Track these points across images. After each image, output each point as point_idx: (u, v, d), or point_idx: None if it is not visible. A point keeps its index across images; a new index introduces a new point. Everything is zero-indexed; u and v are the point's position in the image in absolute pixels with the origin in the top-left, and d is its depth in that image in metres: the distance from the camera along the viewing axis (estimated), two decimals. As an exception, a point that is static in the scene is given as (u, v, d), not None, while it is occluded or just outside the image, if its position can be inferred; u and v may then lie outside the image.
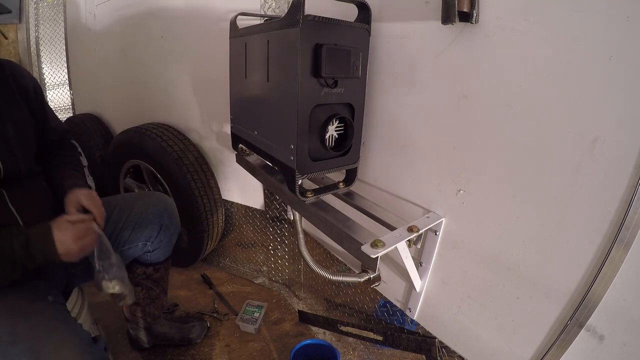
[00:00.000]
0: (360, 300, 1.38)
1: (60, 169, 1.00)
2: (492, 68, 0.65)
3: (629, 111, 0.50)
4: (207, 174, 1.54)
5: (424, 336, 0.98)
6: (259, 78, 0.88)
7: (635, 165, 0.50)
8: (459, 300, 0.81)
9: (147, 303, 1.23)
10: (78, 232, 0.79)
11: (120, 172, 1.77)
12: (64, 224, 0.79)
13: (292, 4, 0.69)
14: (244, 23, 0.99)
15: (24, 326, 0.71)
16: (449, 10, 0.63)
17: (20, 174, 0.86)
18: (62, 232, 0.77)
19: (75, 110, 2.59)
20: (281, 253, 1.60)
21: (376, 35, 0.83)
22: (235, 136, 1.11)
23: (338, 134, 0.84)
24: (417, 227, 0.75)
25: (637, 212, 0.51)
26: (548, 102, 0.58)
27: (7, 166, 0.82)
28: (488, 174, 0.69)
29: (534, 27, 0.58)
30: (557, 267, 0.62)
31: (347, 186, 0.93)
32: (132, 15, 1.69)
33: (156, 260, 1.18)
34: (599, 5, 0.50)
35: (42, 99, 0.99)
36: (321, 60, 0.70)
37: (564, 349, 0.63)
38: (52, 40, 2.81)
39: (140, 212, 1.07)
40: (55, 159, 1.03)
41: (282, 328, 1.46)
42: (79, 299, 1.02)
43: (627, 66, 0.49)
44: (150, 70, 1.71)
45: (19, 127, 0.87)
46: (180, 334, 1.34)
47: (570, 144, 0.57)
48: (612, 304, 0.57)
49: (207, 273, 1.77)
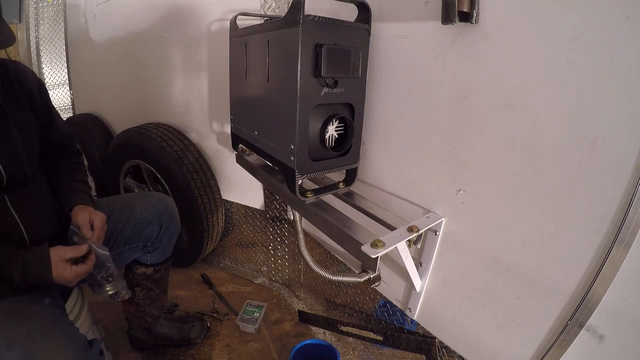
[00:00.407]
0: (360, 300, 1.39)
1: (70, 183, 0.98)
2: (492, 68, 0.65)
3: (629, 111, 0.50)
4: (207, 174, 1.54)
5: (424, 336, 0.98)
6: (259, 78, 0.88)
7: (635, 165, 0.50)
8: (459, 300, 0.81)
9: (147, 303, 1.23)
10: (75, 272, 0.79)
11: (120, 172, 1.77)
12: (61, 263, 0.78)
13: (292, 4, 0.69)
14: (244, 23, 0.99)
15: (20, 330, 0.71)
16: (449, 10, 0.63)
17: (23, 179, 0.85)
18: (59, 271, 0.77)
19: (75, 110, 2.59)
20: (281, 253, 1.60)
21: (376, 35, 0.83)
22: (235, 136, 1.11)
23: (338, 134, 0.84)
24: (417, 227, 0.75)
25: (637, 212, 0.51)
26: (548, 102, 0.58)
27: (11, 172, 0.81)
28: (488, 174, 0.69)
29: (534, 27, 0.58)
30: (557, 267, 0.62)
31: (347, 186, 0.93)
32: (132, 15, 1.69)
33: (156, 261, 1.18)
34: (599, 5, 0.50)
35: (48, 101, 0.97)
36: (321, 60, 0.70)
37: (564, 349, 0.63)
38: (52, 40, 2.81)
39: (140, 213, 1.07)
40: (65, 166, 1.01)
41: (282, 328, 1.46)
42: (79, 300, 1.02)
43: (627, 66, 0.49)
44: (150, 70, 1.71)
45: (23, 130, 0.86)
46: (180, 334, 1.34)
47: (570, 144, 0.57)
48: (612, 304, 0.57)
49: (207, 273, 1.78)
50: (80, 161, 1.08)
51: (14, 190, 0.83)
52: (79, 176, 1.02)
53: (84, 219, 0.88)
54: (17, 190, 0.84)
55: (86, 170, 1.08)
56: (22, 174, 0.84)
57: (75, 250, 0.81)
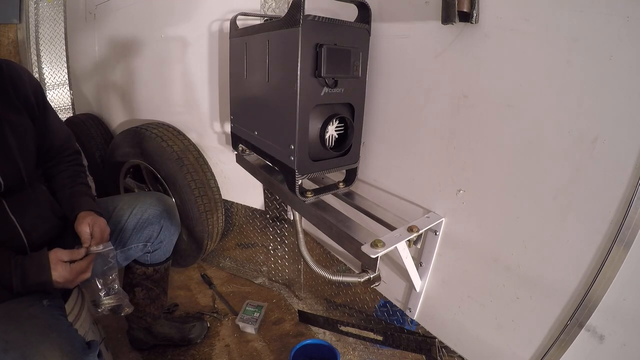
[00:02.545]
0: (360, 300, 1.39)
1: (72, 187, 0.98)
2: (492, 68, 0.65)
3: (628, 111, 0.50)
4: (207, 174, 1.54)
5: (424, 336, 0.98)
6: (259, 78, 0.88)
7: (635, 165, 0.50)
8: (459, 300, 0.81)
9: (147, 303, 1.23)
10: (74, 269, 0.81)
11: (120, 172, 1.77)
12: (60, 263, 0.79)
13: (292, 4, 0.69)
14: (244, 23, 0.99)
15: (17, 332, 0.70)
16: (449, 10, 0.63)
17: (20, 183, 0.84)
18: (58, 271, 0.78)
19: (75, 110, 2.59)
20: (281, 253, 1.60)
21: (376, 35, 0.83)
22: (235, 136, 1.11)
23: (338, 134, 0.84)
24: (417, 227, 0.75)
25: (637, 212, 0.51)
26: (548, 102, 0.58)
27: (8, 178, 0.81)
28: (488, 174, 0.69)
29: (534, 27, 0.58)
30: (557, 267, 0.62)
31: (347, 186, 0.93)
32: (132, 15, 1.69)
33: (156, 261, 1.18)
34: (599, 5, 0.50)
35: (44, 102, 0.95)
36: (321, 60, 0.70)
37: (564, 349, 0.63)
38: (52, 40, 2.82)
39: (140, 213, 1.07)
40: (65, 170, 1.01)
41: (282, 328, 1.46)
42: (79, 300, 1.02)
43: (627, 66, 0.49)
44: (150, 70, 1.71)
45: (18, 134, 0.84)
46: (180, 334, 1.34)
47: (570, 144, 0.57)
48: (612, 304, 0.57)
49: (207, 273, 1.78)
50: (80, 161, 1.08)
51: (11, 195, 0.82)
52: (79, 179, 1.01)
53: (84, 230, 0.89)
54: (15, 194, 0.83)
55: (86, 170, 1.08)
56: (19, 179, 0.83)
57: (73, 254, 0.83)
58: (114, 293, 0.90)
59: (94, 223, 0.90)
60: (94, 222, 0.90)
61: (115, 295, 0.90)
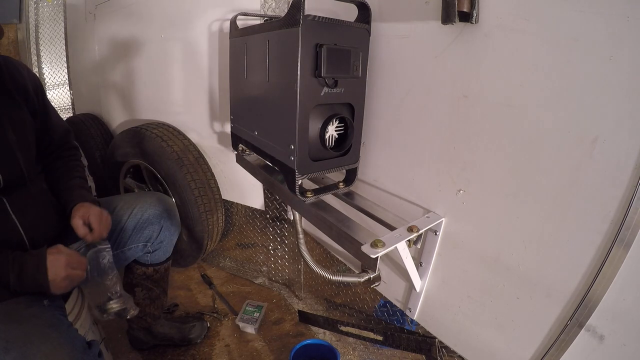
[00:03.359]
0: (360, 300, 1.39)
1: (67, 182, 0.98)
2: (492, 68, 0.65)
3: (629, 111, 0.50)
4: (207, 174, 1.54)
5: (424, 336, 0.98)
6: (259, 78, 0.88)
7: (635, 165, 0.50)
8: (459, 300, 0.81)
9: (147, 303, 1.23)
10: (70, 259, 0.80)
11: (120, 172, 1.77)
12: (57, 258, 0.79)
13: (292, 4, 0.69)
14: (244, 23, 0.99)
15: (17, 332, 0.70)
16: (449, 10, 0.63)
17: (21, 180, 0.84)
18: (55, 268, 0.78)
19: (75, 110, 2.59)
20: (281, 253, 1.60)
21: (376, 35, 0.83)
22: (235, 136, 1.11)
23: (338, 134, 0.84)
24: (417, 227, 0.75)
25: (637, 212, 0.51)
26: (548, 102, 0.58)
27: (8, 175, 0.80)
28: (488, 174, 0.69)
29: (534, 27, 0.58)
30: (557, 267, 0.62)
31: (347, 186, 0.93)
32: (132, 15, 1.69)
33: (156, 261, 1.18)
34: (599, 5, 0.50)
35: (43, 96, 0.95)
36: (321, 60, 0.70)
37: (564, 349, 0.63)
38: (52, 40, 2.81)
39: (140, 213, 1.07)
40: (61, 166, 1.01)
41: (282, 328, 1.46)
42: (79, 300, 1.02)
43: (627, 66, 0.49)
44: (150, 70, 1.71)
45: (19, 130, 0.84)
46: (180, 334, 1.34)
47: (570, 144, 0.57)
48: (612, 304, 0.57)
49: (207, 273, 1.78)
50: (77, 157, 1.07)
51: (12, 192, 0.82)
52: (76, 172, 1.01)
53: (77, 223, 0.88)
54: (15, 192, 0.83)
55: (83, 165, 1.08)
56: (19, 175, 0.83)
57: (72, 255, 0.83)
58: (118, 297, 0.89)
59: (88, 214, 0.89)
60: (88, 212, 0.90)
61: (120, 299, 0.89)
